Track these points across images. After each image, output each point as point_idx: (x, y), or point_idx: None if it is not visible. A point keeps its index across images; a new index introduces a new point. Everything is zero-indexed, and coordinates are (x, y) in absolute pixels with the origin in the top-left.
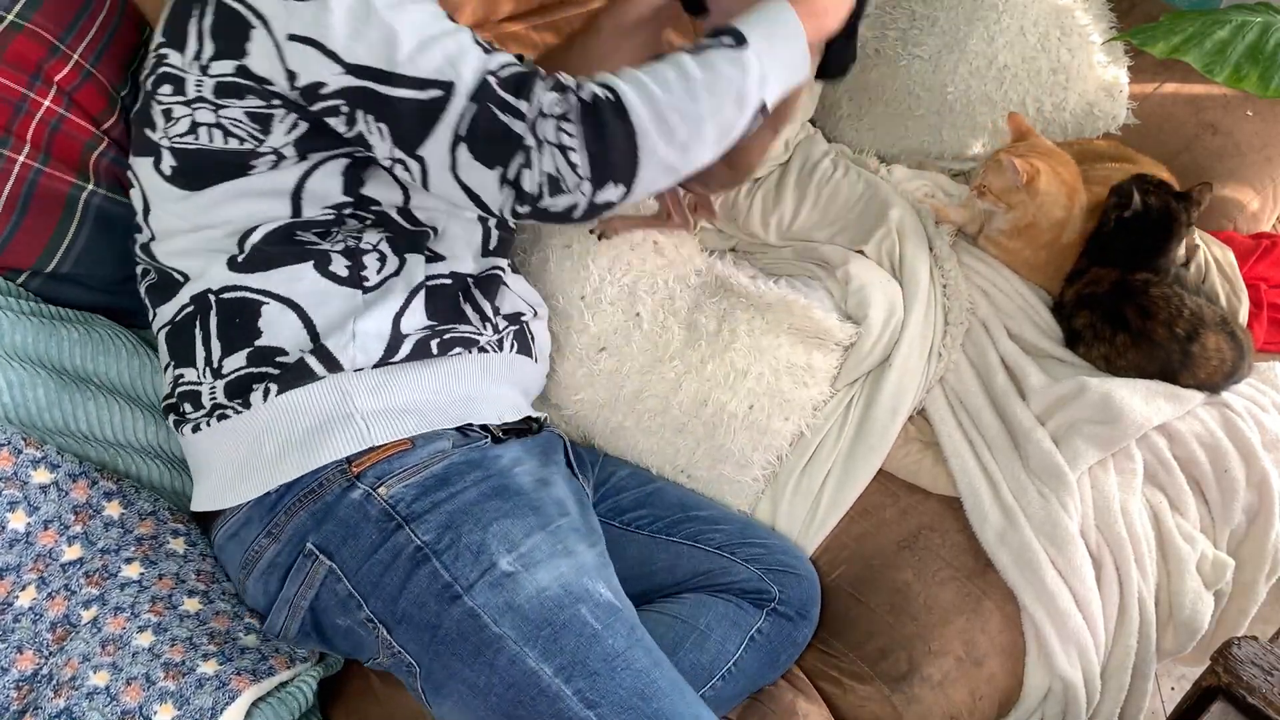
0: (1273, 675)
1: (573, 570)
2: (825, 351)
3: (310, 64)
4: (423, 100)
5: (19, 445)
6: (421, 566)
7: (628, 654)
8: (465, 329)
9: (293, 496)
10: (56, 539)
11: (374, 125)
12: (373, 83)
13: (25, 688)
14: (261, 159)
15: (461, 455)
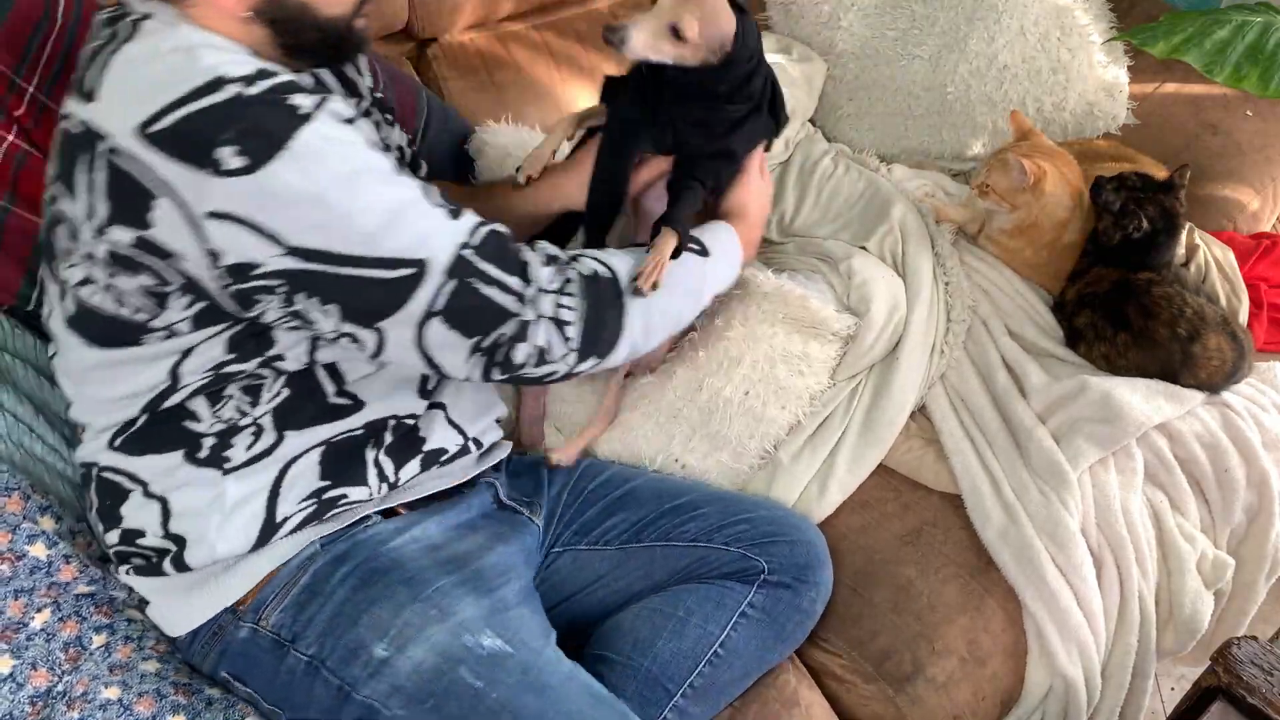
0: (1273, 675)
1: (449, 633)
2: (822, 342)
3: (241, 244)
4: (389, 279)
5: (28, 491)
6: (315, 677)
7: (514, 703)
8: (356, 496)
9: (200, 640)
10: (76, 575)
11: (319, 305)
12: (325, 265)
13: (40, 703)
14: (153, 333)
15: (328, 554)
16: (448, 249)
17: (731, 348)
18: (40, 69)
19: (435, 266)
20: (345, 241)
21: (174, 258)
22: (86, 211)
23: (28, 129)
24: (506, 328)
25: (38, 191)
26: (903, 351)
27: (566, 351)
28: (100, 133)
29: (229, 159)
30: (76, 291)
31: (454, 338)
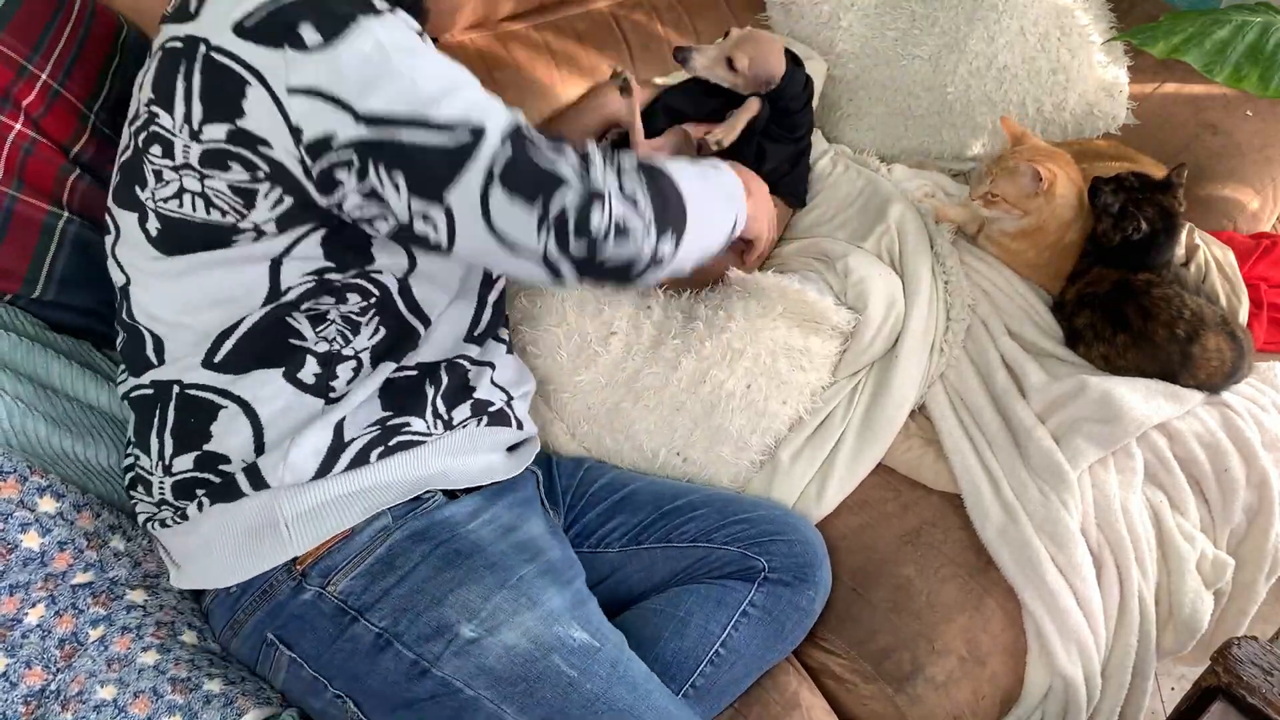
0: (1273, 675)
1: (540, 621)
2: (823, 337)
3: (318, 117)
4: (449, 145)
5: (25, 473)
6: (384, 651)
7: (608, 695)
8: (417, 427)
9: (249, 597)
10: (71, 563)
11: (388, 177)
12: (389, 130)
13: (33, 703)
14: (242, 234)
15: (405, 529)
16: (503, 121)
17: (734, 340)
18: (55, 57)
19: (492, 134)
20: (408, 102)
21: (263, 144)
22: (183, 117)
23: (37, 117)
24: (568, 196)
25: (46, 180)
26: (902, 350)
27: (645, 223)
28: (200, 38)
29: (308, 35)
30: (164, 207)
31: (517, 206)
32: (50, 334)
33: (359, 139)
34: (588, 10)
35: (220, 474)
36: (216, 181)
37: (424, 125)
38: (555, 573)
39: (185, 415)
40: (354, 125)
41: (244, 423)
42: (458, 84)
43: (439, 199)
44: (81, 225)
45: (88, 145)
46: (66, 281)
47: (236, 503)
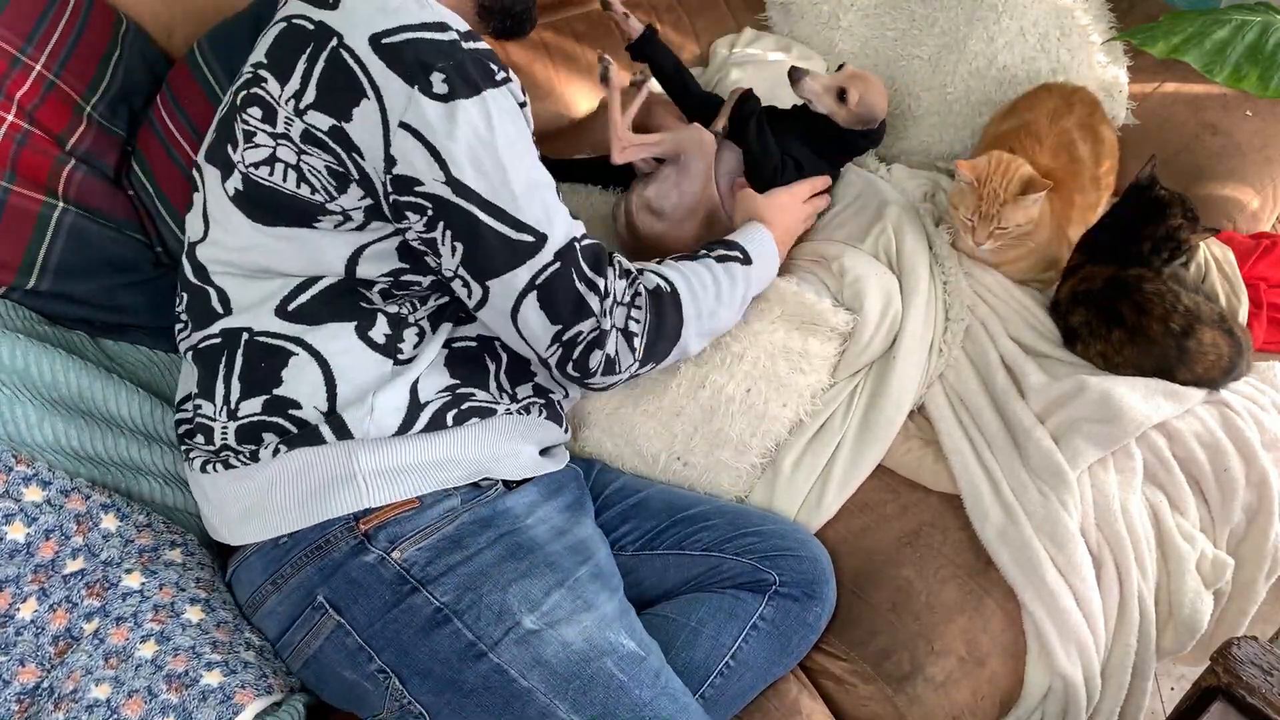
0: (1273, 675)
1: (595, 624)
2: (822, 338)
3: (415, 159)
4: (514, 240)
5: (9, 462)
6: (442, 626)
7: (654, 704)
8: (483, 396)
9: (300, 550)
10: (57, 550)
11: (450, 239)
12: (470, 204)
13: (26, 700)
14: (329, 216)
15: (472, 514)
16: (563, 235)
17: (733, 344)
18: (50, 48)
19: (550, 244)
20: (495, 192)
21: (358, 152)
22: (294, 94)
23: (31, 109)
24: (585, 325)
25: (40, 171)
26: (900, 350)
27: (632, 361)
28: (335, 31)
29: (436, 84)
30: (253, 171)
31: (542, 320)
32: (43, 327)
33: (441, 196)
34: (587, 11)
35: (292, 420)
36: (314, 160)
37: (499, 215)
38: (604, 578)
39: (256, 359)
40: (442, 184)
41: (315, 371)
42: (539, 186)
43: (482, 280)
44: (79, 215)
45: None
46: (63, 271)
47: (315, 448)
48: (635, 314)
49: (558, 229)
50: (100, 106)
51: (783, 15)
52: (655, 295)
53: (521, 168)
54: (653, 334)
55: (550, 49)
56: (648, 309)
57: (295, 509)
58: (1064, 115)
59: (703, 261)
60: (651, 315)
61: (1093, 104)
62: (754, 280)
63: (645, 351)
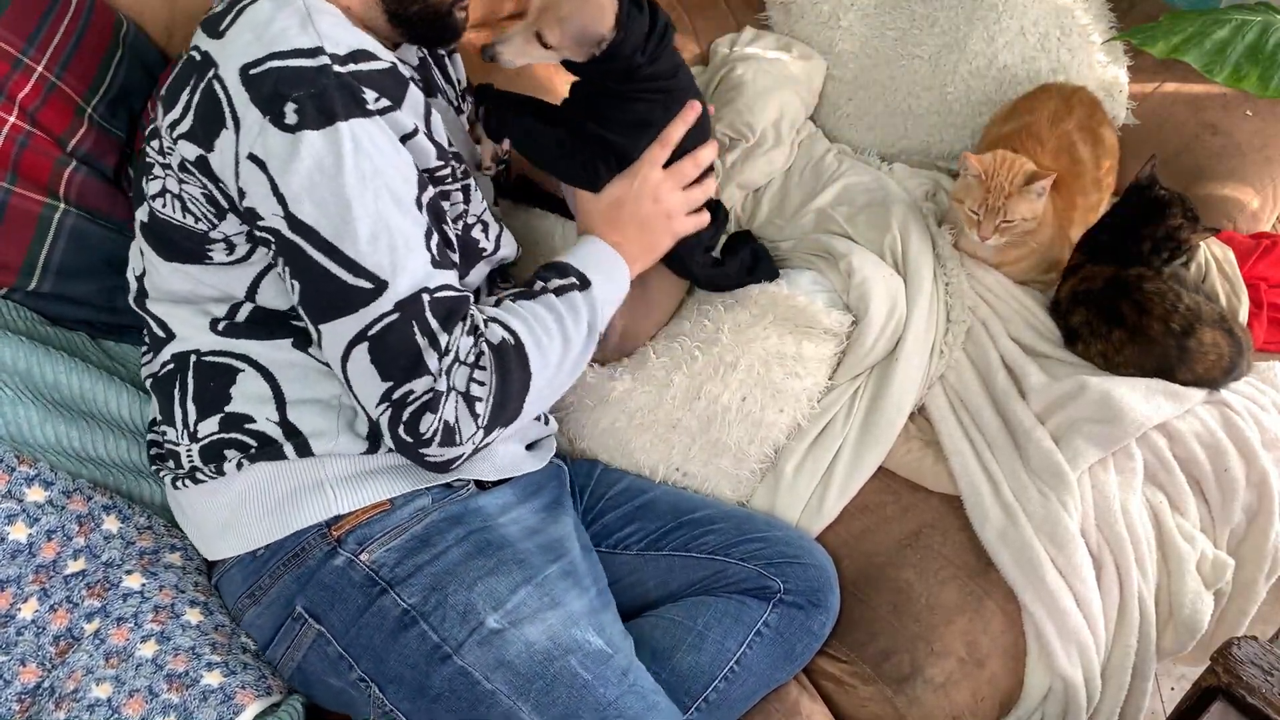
0: (1273, 675)
1: (561, 622)
2: (816, 341)
3: (257, 191)
4: (349, 285)
5: (11, 463)
6: (409, 629)
7: (619, 702)
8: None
9: (276, 560)
10: (59, 551)
11: (289, 278)
12: (306, 244)
13: (28, 700)
14: (215, 245)
15: (442, 512)
16: (409, 285)
17: (725, 353)
18: (51, 50)
19: (391, 294)
20: (333, 230)
21: (220, 182)
22: (173, 123)
23: (33, 110)
24: (419, 385)
25: (41, 172)
26: (902, 352)
27: (474, 430)
28: (214, 61)
29: (288, 114)
30: (152, 203)
31: (371, 373)
32: (45, 328)
33: (279, 231)
34: None
35: (250, 434)
36: (192, 188)
37: (336, 256)
38: (576, 576)
39: (205, 379)
40: (280, 219)
41: (262, 385)
42: (393, 234)
43: (315, 323)
44: (79, 216)
45: (85, 138)
46: (64, 272)
47: (277, 463)
48: (479, 375)
49: (403, 278)
50: (100, 108)
51: (783, 15)
52: (499, 352)
53: (372, 207)
54: (499, 397)
55: None
56: (492, 369)
57: (266, 520)
58: (1065, 117)
59: (542, 300)
60: (496, 376)
61: (1093, 105)
62: (599, 302)
63: (491, 417)
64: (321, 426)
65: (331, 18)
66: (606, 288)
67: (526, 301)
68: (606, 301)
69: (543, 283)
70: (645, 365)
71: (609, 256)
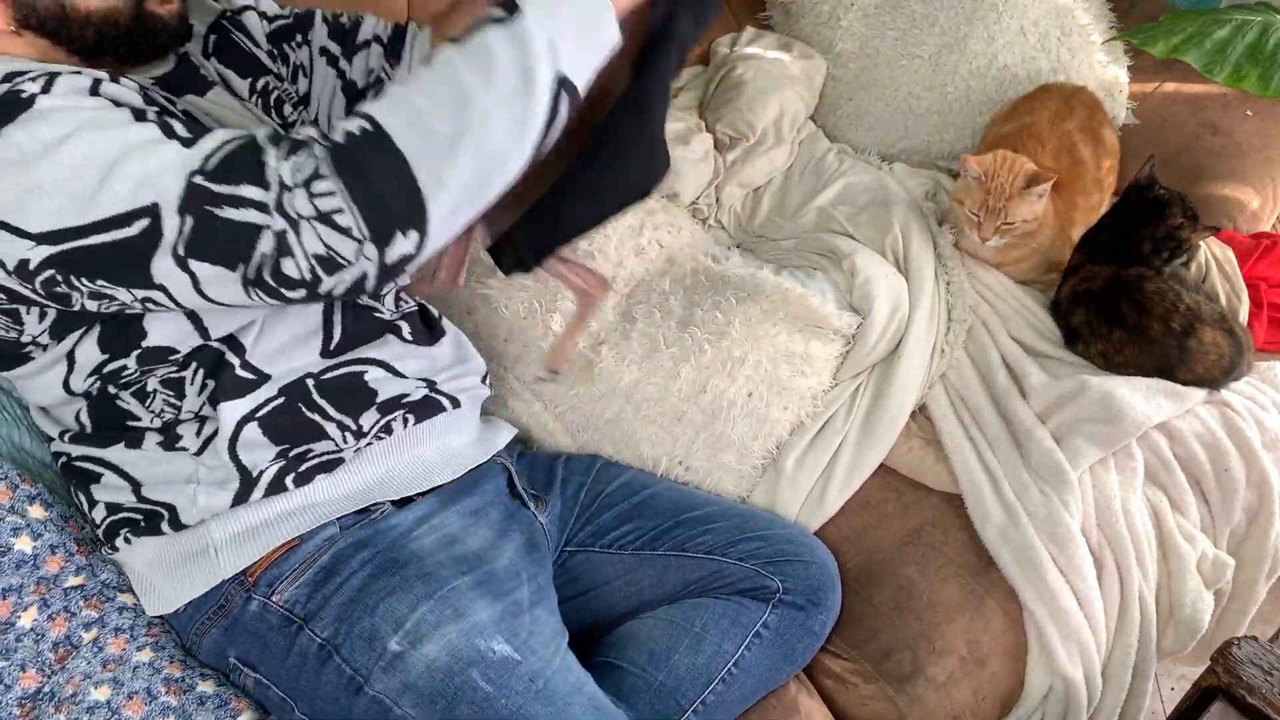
0: (1273, 675)
1: (462, 634)
2: (824, 341)
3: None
4: (133, 236)
5: (15, 480)
6: (327, 664)
7: (523, 711)
8: (322, 447)
9: (201, 615)
10: (62, 565)
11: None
12: (72, 241)
13: (28, 704)
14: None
15: (350, 538)
16: (176, 183)
17: (734, 348)
18: None
19: (167, 207)
20: (72, 212)
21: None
22: None
23: None
24: (263, 245)
25: None
26: (904, 351)
27: (358, 244)
28: None
29: None
30: None
31: (218, 273)
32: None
33: (49, 257)
34: None
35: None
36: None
37: (100, 228)
38: (494, 583)
39: (77, 480)
40: (36, 247)
41: (119, 479)
42: (115, 161)
43: (149, 284)
44: None
45: None
46: None
47: (160, 537)
48: (319, 185)
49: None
50: None
51: (783, 15)
52: (342, 149)
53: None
54: (361, 195)
55: None
56: (334, 173)
57: (165, 588)
58: (1065, 118)
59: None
60: (344, 176)
61: (1093, 105)
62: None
63: (368, 221)
64: (180, 502)
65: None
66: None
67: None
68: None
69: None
70: (654, 356)
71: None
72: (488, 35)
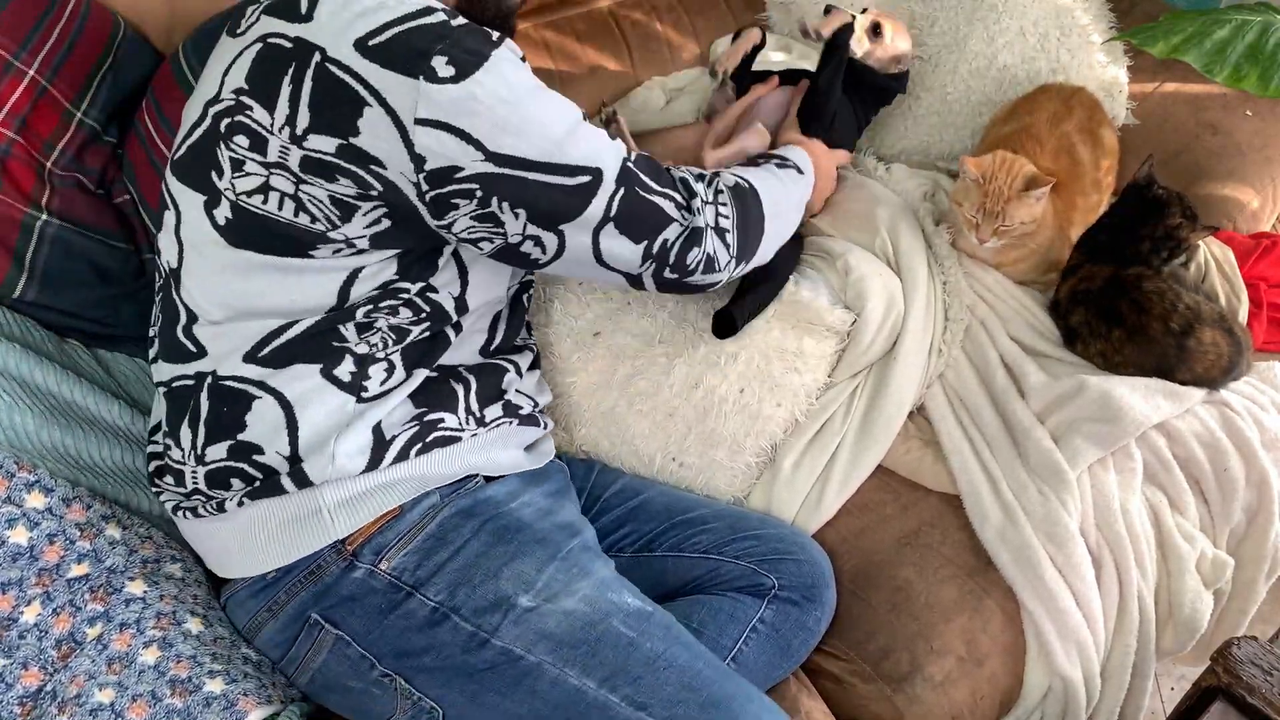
0: (1273, 675)
1: (594, 588)
2: (817, 337)
3: (447, 149)
4: (570, 185)
5: (11, 469)
6: (442, 624)
7: (668, 654)
8: (451, 423)
9: (291, 578)
10: (63, 554)
11: (510, 208)
12: (519, 170)
13: (29, 704)
14: (329, 244)
15: (453, 507)
16: (615, 160)
17: (727, 344)
18: (44, 54)
19: (608, 175)
20: (537, 148)
21: (377, 164)
22: (285, 120)
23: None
24: (670, 232)
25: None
26: (901, 351)
27: (729, 258)
28: (315, 45)
29: (441, 68)
30: (244, 200)
31: (625, 243)
32: (37, 332)
33: (487, 173)
34: (588, 10)
35: (256, 465)
36: (315, 189)
37: (551, 169)
38: (595, 550)
39: (219, 405)
40: (483, 162)
41: (278, 413)
42: (576, 123)
43: (556, 229)
44: (62, 227)
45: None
46: (48, 282)
47: (278, 498)
48: (723, 210)
49: (609, 157)
50: (93, 113)
51: (783, 15)
52: (736, 191)
53: (553, 114)
54: (741, 226)
55: (551, 48)
56: (732, 203)
57: (271, 547)
58: (1064, 119)
59: (764, 167)
60: (737, 208)
61: (1093, 106)
62: (805, 189)
63: (739, 246)
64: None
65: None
66: (809, 184)
67: (750, 167)
68: (808, 193)
69: (765, 160)
70: (648, 351)
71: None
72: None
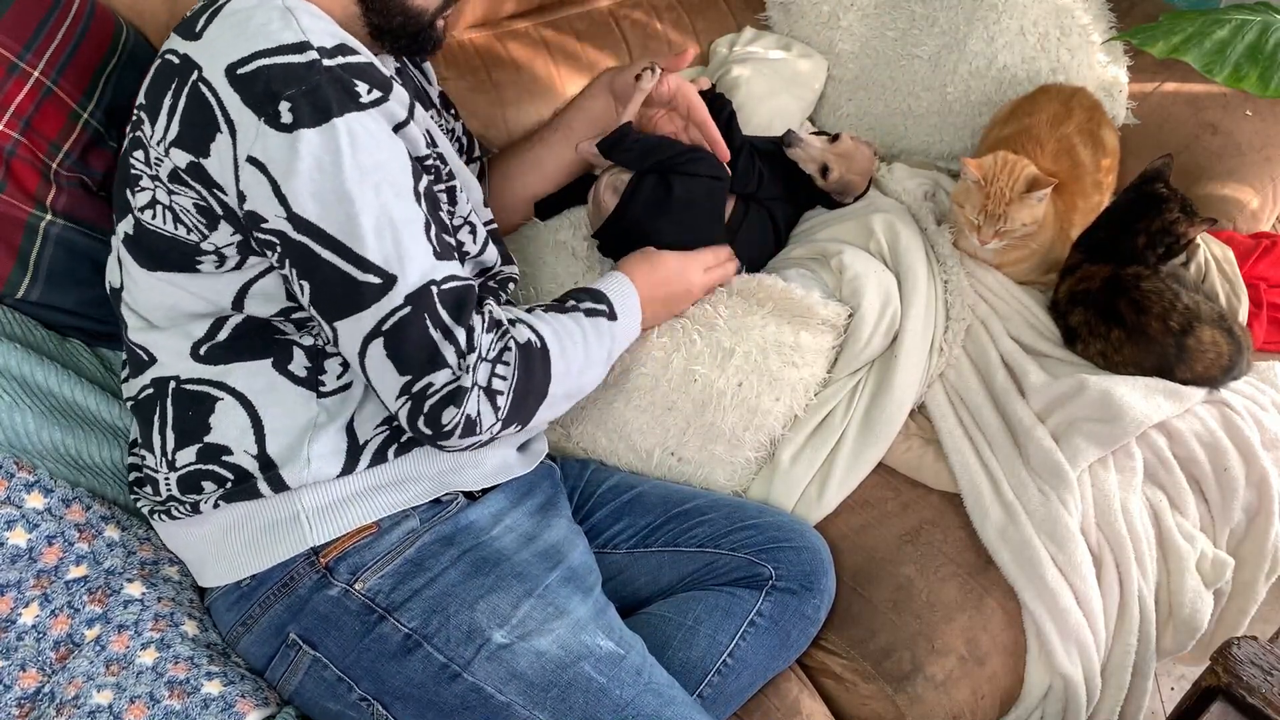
0: (1273, 675)
1: (569, 629)
2: (814, 331)
3: (259, 194)
4: (359, 281)
5: (10, 469)
6: (414, 652)
7: (636, 702)
8: None
9: (265, 590)
10: (61, 556)
11: (297, 279)
12: (312, 242)
13: (27, 705)
14: (206, 256)
15: (433, 533)
16: (418, 277)
17: (723, 339)
18: (49, 55)
19: (400, 287)
20: (339, 227)
21: (219, 188)
22: (162, 131)
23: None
24: (439, 378)
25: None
26: (901, 349)
27: (494, 421)
28: (196, 63)
29: (283, 113)
30: (140, 215)
31: (389, 368)
32: (38, 332)
33: (284, 233)
34: (588, 10)
35: (227, 466)
36: (182, 199)
37: (343, 252)
38: (577, 580)
39: (183, 408)
40: (284, 220)
41: (241, 414)
42: (396, 222)
43: (330, 320)
44: (66, 227)
45: (77, 144)
46: (52, 282)
47: (255, 502)
48: (501, 370)
49: (411, 270)
50: (97, 114)
51: (783, 15)
52: (525, 351)
53: (374, 201)
54: (520, 392)
55: (551, 48)
56: (516, 365)
57: (245, 554)
58: (1064, 120)
59: (572, 315)
60: (520, 372)
61: (1093, 106)
62: (618, 338)
63: (510, 410)
64: (296, 453)
65: (310, 15)
66: (626, 329)
67: (557, 314)
68: (622, 340)
69: (575, 302)
70: (646, 345)
71: (633, 300)
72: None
